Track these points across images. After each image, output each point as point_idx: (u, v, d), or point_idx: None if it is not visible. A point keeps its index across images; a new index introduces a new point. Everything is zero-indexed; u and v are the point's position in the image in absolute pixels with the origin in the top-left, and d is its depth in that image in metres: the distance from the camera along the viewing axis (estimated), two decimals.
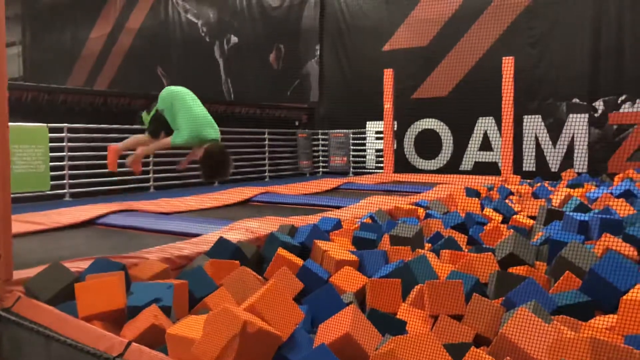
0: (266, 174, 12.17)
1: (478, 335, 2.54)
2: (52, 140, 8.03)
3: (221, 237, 3.79)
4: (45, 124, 7.92)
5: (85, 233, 5.22)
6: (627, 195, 5.84)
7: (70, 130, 8.43)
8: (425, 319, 2.74)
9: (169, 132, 4.34)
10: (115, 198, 7.86)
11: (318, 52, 14.09)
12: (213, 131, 4.29)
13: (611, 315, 2.55)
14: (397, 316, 2.71)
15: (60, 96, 8.83)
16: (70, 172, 8.39)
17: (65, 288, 2.92)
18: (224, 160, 4.26)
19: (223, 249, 3.67)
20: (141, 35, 12.28)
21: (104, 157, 8.90)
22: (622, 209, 4.78)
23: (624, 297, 2.44)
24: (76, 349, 2.39)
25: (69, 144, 8.41)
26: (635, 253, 3.47)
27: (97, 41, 12.63)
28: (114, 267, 3.13)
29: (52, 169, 8.02)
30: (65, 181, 8.33)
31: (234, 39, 13.08)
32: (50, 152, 7.95)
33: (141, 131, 4.71)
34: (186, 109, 4.24)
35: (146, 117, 4.47)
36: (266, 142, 12.24)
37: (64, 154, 8.32)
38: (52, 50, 13.09)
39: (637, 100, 9.78)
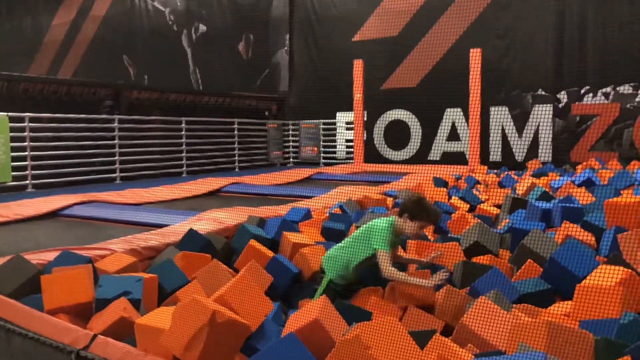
0: (236, 164, 12.09)
1: (446, 324, 2.60)
2: (13, 130, 7.80)
3: (191, 229, 3.75)
4: (6, 114, 7.69)
5: (49, 225, 5.11)
6: (588, 183, 6.02)
7: (32, 119, 8.20)
8: (394, 310, 2.78)
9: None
10: (80, 189, 7.70)
11: (288, 42, 14.00)
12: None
13: (569, 302, 2.63)
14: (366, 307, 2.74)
15: (21, 85, 8.58)
16: (32, 162, 8.17)
17: (28, 281, 2.86)
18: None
19: (193, 241, 3.64)
20: (106, 23, 11.96)
21: (68, 147, 8.84)
22: (583, 197, 4.92)
23: (580, 284, 2.53)
24: (39, 342, 2.35)
25: (31, 133, 8.18)
26: (593, 240, 3.59)
27: (60, 28, 12.24)
28: (81, 260, 3.08)
29: (14, 159, 7.80)
30: (27, 172, 8.11)
31: (203, 28, 12.88)
32: (11, 142, 7.73)
33: None
34: None
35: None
36: (236, 132, 12.14)
37: (26, 144, 8.09)
38: (13, 38, 12.63)
39: (599, 92, 10.06)
